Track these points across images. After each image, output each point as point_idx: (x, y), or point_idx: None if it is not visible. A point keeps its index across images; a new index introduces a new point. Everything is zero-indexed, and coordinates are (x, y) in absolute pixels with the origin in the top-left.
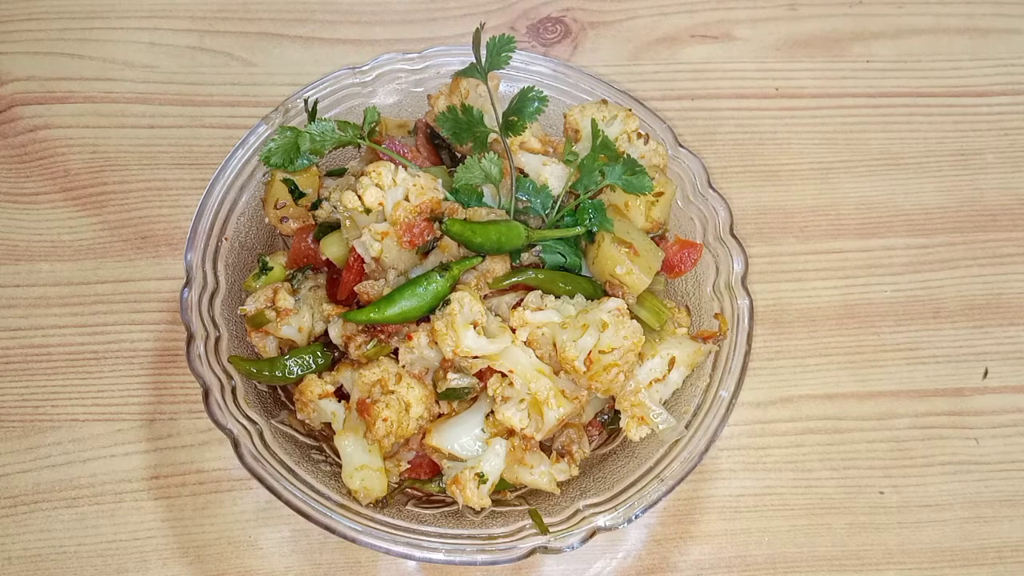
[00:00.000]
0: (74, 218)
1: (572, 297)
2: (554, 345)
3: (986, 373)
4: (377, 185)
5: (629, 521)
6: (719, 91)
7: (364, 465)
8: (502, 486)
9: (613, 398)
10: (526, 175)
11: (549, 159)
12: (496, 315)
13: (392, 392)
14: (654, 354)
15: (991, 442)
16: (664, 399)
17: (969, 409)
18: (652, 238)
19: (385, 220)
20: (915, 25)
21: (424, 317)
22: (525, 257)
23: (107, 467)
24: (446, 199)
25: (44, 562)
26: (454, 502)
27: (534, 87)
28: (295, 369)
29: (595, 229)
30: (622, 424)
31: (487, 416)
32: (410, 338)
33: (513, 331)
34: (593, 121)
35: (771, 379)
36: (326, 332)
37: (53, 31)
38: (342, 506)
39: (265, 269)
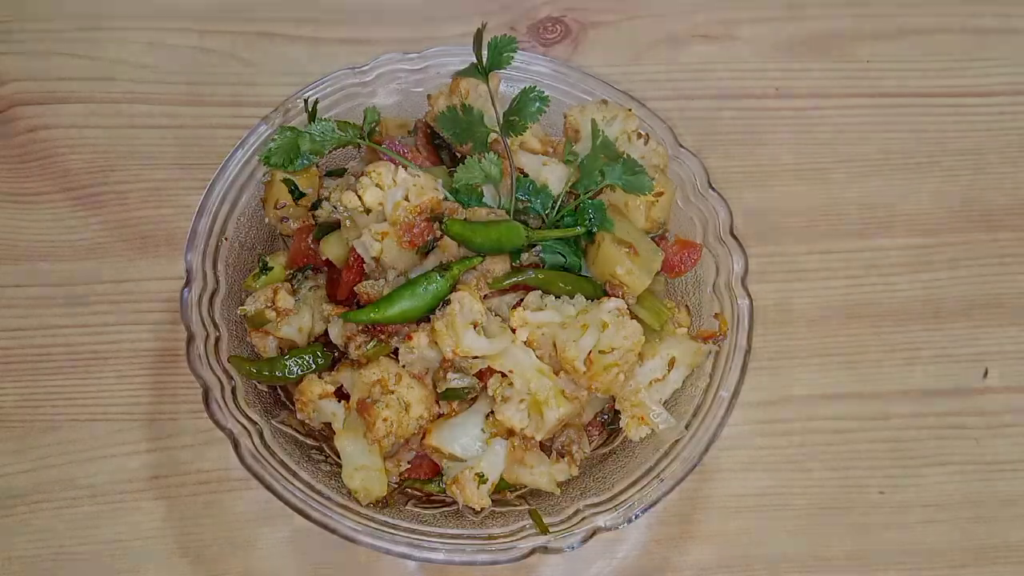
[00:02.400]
0: (74, 218)
1: (572, 297)
2: (554, 345)
3: (986, 373)
4: (377, 185)
5: (629, 521)
6: (719, 91)
7: (364, 465)
8: (502, 486)
9: (613, 398)
10: (526, 175)
11: (549, 159)
12: (496, 315)
13: (392, 392)
14: (654, 354)
15: (991, 442)
16: (664, 399)
17: (969, 409)
18: (652, 238)
19: (385, 220)
20: (915, 25)
21: (424, 317)
22: (525, 257)
23: (107, 467)
24: (446, 199)
25: (44, 562)
26: (454, 502)
27: (535, 87)
28: (295, 369)
29: (595, 229)
30: (622, 424)
31: (487, 416)
32: (410, 338)
33: (513, 331)
34: (593, 121)
35: (771, 379)
36: (326, 332)
37: (53, 31)
38: (342, 506)
39: (265, 269)
